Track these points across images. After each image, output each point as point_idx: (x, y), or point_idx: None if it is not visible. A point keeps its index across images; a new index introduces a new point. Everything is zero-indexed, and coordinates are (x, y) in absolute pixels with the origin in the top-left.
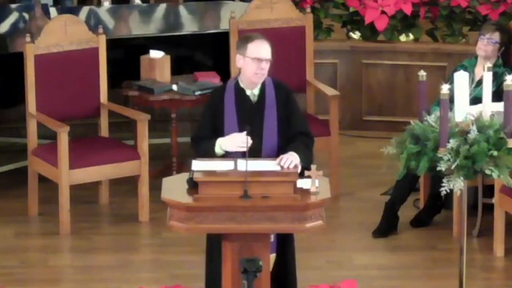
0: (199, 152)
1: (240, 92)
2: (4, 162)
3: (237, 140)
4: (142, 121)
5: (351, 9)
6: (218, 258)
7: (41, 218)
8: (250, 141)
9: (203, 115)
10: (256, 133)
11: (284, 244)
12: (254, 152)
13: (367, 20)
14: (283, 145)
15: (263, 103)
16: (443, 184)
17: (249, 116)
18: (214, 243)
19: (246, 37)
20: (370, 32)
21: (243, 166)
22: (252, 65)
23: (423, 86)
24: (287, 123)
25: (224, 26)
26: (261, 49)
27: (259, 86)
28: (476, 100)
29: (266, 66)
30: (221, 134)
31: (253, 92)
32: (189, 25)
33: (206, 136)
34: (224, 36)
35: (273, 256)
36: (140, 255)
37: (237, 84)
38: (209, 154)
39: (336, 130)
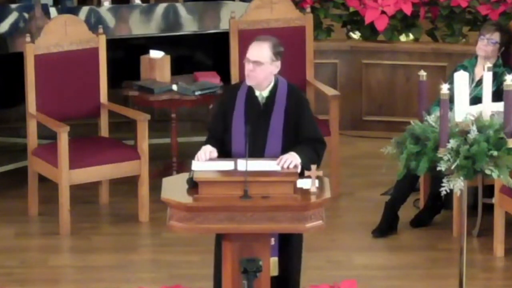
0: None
1: (250, 91)
2: (4, 162)
3: (200, 155)
4: (142, 121)
5: (351, 9)
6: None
7: (41, 218)
8: (214, 155)
9: (216, 110)
10: (260, 135)
11: (286, 248)
12: (256, 154)
13: (367, 20)
14: (288, 151)
15: (272, 106)
16: (443, 184)
17: (256, 117)
18: (220, 243)
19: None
20: (370, 32)
21: (243, 166)
22: (245, 65)
23: (423, 86)
24: (294, 129)
25: (224, 26)
26: (252, 50)
27: (269, 89)
28: (476, 100)
29: (254, 68)
30: (229, 131)
31: (261, 94)
32: (189, 25)
33: (214, 132)
34: (224, 36)
35: (274, 260)
36: (140, 255)
37: None
38: None
39: (336, 130)
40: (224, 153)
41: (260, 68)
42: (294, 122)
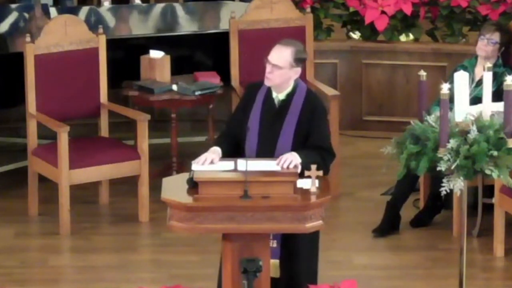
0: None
1: (269, 92)
2: (4, 162)
3: (202, 160)
4: (142, 121)
5: (351, 9)
6: None
7: (41, 218)
8: (216, 160)
9: (236, 107)
10: (272, 137)
11: (290, 251)
12: (266, 154)
13: (367, 20)
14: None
15: (286, 110)
16: (443, 184)
17: (271, 118)
18: None
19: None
20: (370, 32)
21: (243, 166)
22: (266, 65)
23: (423, 86)
24: (305, 135)
25: (224, 26)
26: (273, 53)
27: (286, 92)
28: (476, 100)
29: (272, 70)
30: (245, 127)
31: (278, 96)
32: (189, 25)
33: (229, 127)
34: (224, 36)
35: (275, 262)
36: (140, 255)
37: None
38: None
39: (336, 130)
40: (238, 148)
41: (279, 72)
42: (307, 128)
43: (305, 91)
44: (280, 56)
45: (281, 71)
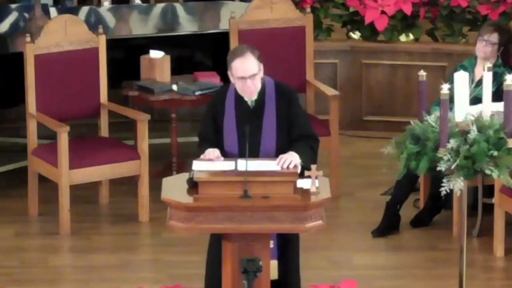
0: (198, 153)
1: (239, 95)
2: (4, 162)
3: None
4: (142, 121)
5: (351, 9)
6: (216, 258)
7: (41, 218)
8: (220, 157)
9: (206, 113)
10: (253, 136)
11: (286, 250)
12: (251, 154)
13: (367, 20)
14: (282, 148)
15: (263, 108)
16: (443, 184)
17: (248, 119)
18: (213, 243)
19: (231, 54)
20: (370, 32)
21: (243, 166)
22: (239, 83)
23: (423, 86)
24: (287, 128)
25: (224, 26)
26: (243, 67)
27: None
28: (476, 100)
29: (252, 81)
30: (221, 133)
31: (251, 99)
32: (188, 25)
33: (207, 136)
34: (224, 36)
35: (273, 263)
36: (140, 255)
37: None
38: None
39: (336, 130)
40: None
41: (256, 78)
42: (287, 120)
43: (273, 84)
44: (250, 64)
45: (258, 76)
